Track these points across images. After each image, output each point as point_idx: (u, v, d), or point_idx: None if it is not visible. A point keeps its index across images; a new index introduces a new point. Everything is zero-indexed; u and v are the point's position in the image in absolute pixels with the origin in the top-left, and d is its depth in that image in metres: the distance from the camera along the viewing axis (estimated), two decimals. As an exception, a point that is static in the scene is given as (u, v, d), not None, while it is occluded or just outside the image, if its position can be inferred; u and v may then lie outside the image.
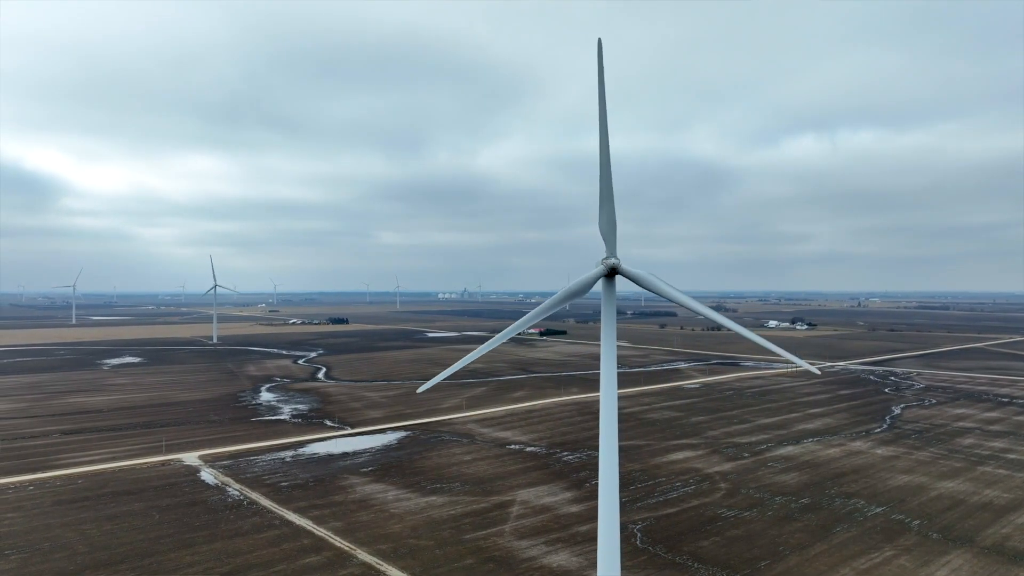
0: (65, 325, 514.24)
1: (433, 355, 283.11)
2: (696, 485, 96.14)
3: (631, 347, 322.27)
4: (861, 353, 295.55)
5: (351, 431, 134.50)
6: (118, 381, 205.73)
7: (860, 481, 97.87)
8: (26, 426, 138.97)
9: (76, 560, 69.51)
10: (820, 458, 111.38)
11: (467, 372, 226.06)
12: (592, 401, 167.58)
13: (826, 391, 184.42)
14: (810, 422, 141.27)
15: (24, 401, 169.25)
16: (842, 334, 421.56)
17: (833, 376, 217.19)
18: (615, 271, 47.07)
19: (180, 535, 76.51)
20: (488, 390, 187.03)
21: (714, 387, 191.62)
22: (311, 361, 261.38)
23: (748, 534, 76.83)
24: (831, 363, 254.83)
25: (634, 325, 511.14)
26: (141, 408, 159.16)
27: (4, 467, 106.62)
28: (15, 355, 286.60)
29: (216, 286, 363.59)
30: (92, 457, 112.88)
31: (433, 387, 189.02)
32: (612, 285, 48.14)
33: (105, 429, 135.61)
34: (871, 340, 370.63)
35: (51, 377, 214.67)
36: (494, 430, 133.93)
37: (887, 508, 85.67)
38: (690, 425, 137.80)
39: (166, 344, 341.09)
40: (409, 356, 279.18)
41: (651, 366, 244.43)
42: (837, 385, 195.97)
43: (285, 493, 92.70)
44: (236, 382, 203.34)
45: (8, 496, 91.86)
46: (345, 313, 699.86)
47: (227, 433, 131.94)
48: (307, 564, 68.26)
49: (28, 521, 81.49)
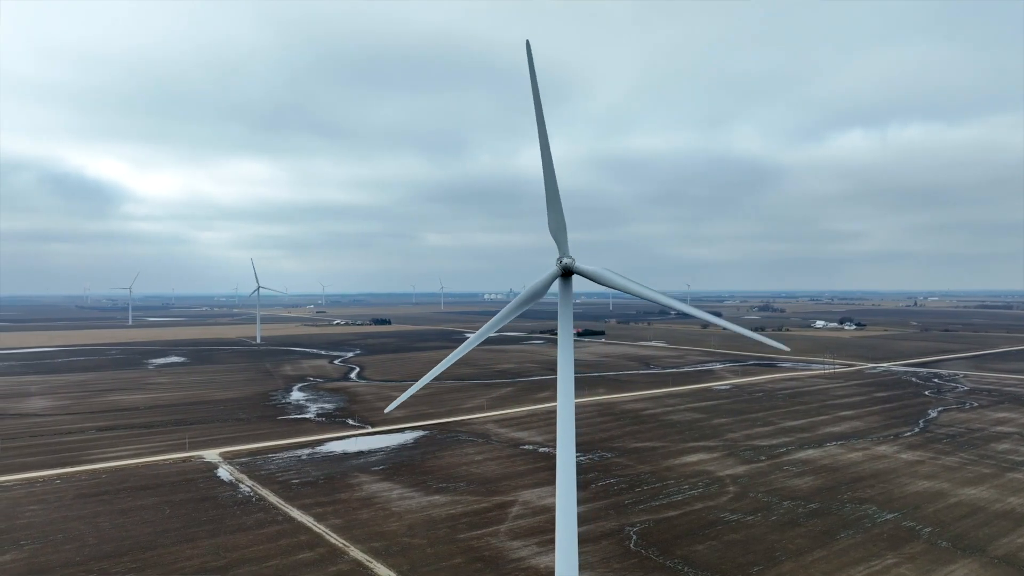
0: (122, 326, 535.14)
1: (467, 356, 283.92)
2: (704, 488, 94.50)
3: (668, 348, 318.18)
4: (908, 354, 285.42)
5: (371, 430, 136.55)
6: (159, 380, 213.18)
7: (876, 486, 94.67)
8: (65, 422, 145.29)
9: (83, 552, 72.46)
10: (840, 462, 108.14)
11: (495, 372, 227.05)
12: (617, 402, 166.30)
13: (861, 393, 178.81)
14: (837, 425, 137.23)
15: (69, 399, 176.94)
16: (892, 334, 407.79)
17: (872, 378, 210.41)
18: (570, 270, 46.80)
19: (185, 529, 78.99)
20: (514, 390, 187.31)
21: (744, 388, 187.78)
22: (346, 361, 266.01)
23: (747, 539, 75.19)
24: (873, 364, 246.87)
25: (675, 326, 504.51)
26: (175, 406, 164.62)
27: (37, 461, 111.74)
28: (70, 354, 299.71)
29: (259, 288, 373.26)
30: (119, 453, 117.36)
31: (457, 388, 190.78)
32: (569, 285, 47.93)
33: (137, 426, 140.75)
34: (921, 340, 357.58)
35: (98, 376, 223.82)
36: (511, 430, 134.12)
37: (899, 515, 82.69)
38: (711, 427, 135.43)
39: (211, 344, 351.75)
40: (443, 357, 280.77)
41: (684, 367, 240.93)
42: (874, 387, 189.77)
43: (294, 490, 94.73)
44: (270, 381, 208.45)
45: (35, 489, 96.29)
46: (389, 314, 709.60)
47: (251, 431, 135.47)
48: (299, 560, 69.67)
49: (48, 513, 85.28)
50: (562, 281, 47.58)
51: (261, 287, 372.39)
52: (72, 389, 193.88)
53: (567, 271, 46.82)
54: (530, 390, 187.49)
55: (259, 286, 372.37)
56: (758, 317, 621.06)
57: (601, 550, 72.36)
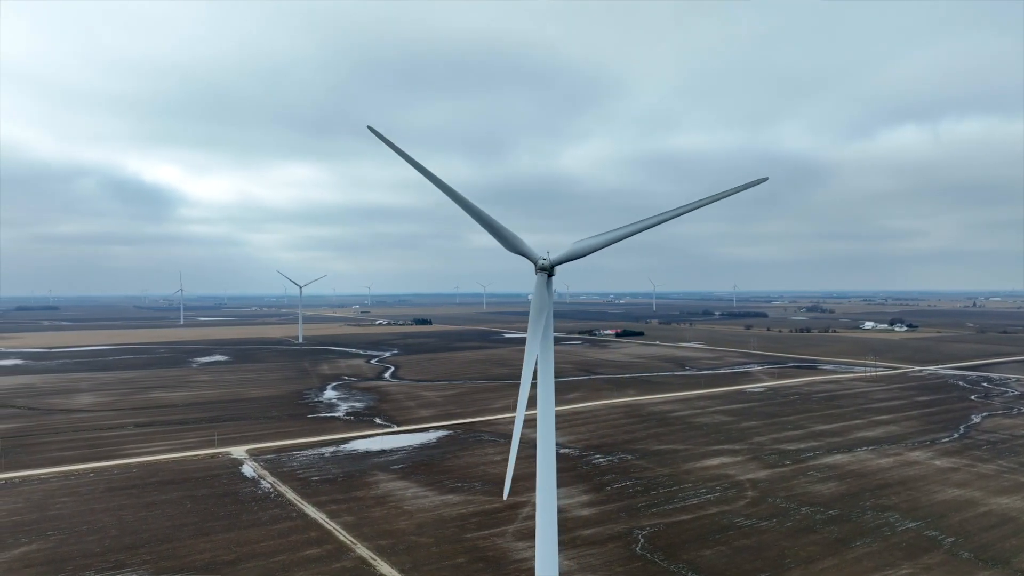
0: (174, 325, 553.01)
1: (502, 356, 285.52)
2: (721, 492, 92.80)
3: (706, 349, 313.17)
4: (959, 356, 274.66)
5: (396, 429, 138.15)
6: (201, 378, 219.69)
7: (903, 494, 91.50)
8: (108, 418, 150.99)
9: (104, 543, 75.25)
10: (868, 468, 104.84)
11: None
12: (645, 404, 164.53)
13: (902, 397, 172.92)
14: (871, 429, 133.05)
15: (114, 395, 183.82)
16: (944, 336, 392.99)
17: (917, 381, 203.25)
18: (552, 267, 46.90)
19: (202, 523, 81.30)
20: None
21: (779, 391, 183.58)
22: (383, 361, 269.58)
23: (758, 545, 73.58)
24: (920, 367, 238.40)
25: (718, 326, 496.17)
26: (212, 403, 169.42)
27: (76, 455, 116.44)
28: (122, 353, 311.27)
29: (301, 288, 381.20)
30: (152, 448, 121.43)
31: (488, 388, 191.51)
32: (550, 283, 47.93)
33: (173, 423, 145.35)
34: (975, 343, 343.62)
35: (144, 374, 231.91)
36: (534, 431, 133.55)
37: (922, 523, 79.77)
38: (738, 430, 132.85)
39: (255, 344, 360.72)
40: (478, 357, 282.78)
41: (720, 368, 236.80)
42: (917, 391, 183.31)
43: (312, 487, 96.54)
44: (306, 380, 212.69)
45: (69, 482, 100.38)
46: (431, 314, 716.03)
47: (280, 429, 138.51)
48: (306, 556, 71.02)
49: (77, 505, 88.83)
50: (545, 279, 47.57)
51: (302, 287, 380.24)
52: (118, 386, 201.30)
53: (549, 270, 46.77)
54: (560, 391, 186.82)
55: (301, 287, 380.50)
56: (806, 318, 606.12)
57: (606, 553, 71.80)
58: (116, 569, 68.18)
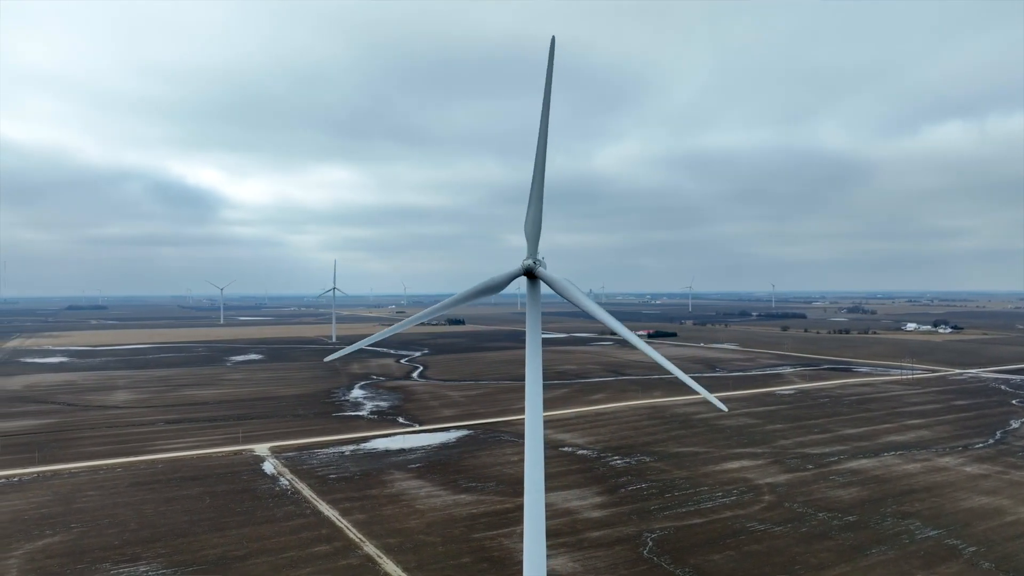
0: (214, 325, 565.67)
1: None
2: (738, 496, 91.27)
3: (740, 350, 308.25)
4: (1004, 360, 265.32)
5: (417, 428, 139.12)
6: (233, 376, 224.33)
7: (927, 500, 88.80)
8: (141, 415, 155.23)
9: (123, 536, 77.38)
10: (893, 473, 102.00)
11: (555, 373, 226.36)
12: (670, 405, 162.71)
13: (938, 401, 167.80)
14: (902, 434, 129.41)
15: (149, 392, 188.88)
16: (991, 338, 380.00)
17: (955, 384, 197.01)
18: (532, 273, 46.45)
19: (218, 519, 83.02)
20: (569, 392, 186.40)
21: (810, 393, 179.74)
22: (412, 360, 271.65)
23: (768, 550, 72.19)
24: (960, 370, 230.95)
25: (754, 328, 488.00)
26: (242, 401, 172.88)
27: (106, 450, 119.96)
28: (161, 351, 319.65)
29: (334, 288, 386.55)
30: (179, 444, 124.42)
31: (513, 388, 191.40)
32: (536, 287, 47.52)
33: (203, 420, 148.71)
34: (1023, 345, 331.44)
35: (180, 372, 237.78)
36: (555, 432, 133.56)
37: (944, 531, 77.31)
38: (762, 433, 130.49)
39: (290, 343, 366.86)
40: (506, 357, 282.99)
41: (752, 370, 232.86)
42: (955, 394, 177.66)
43: (328, 485, 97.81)
44: (335, 379, 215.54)
45: (97, 476, 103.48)
46: (465, 314, 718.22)
47: (304, 427, 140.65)
48: (313, 552, 72.00)
49: (102, 499, 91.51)
50: (529, 283, 47.23)
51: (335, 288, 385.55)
52: (154, 384, 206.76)
53: (530, 273, 46.44)
54: (585, 391, 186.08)
55: (334, 287, 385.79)
56: (846, 319, 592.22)
57: (612, 555, 71.23)
58: (131, 562, 70.06)
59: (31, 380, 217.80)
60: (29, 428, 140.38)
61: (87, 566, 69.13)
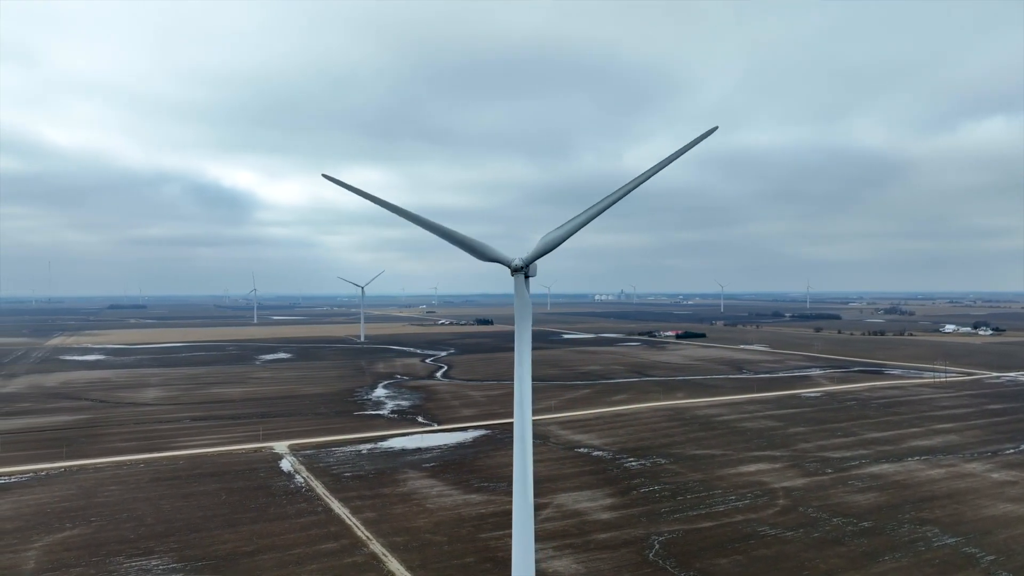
0: (247, 324, 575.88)
1: (555, 357, 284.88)
2: (752, 500, 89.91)
3: (768, 352, 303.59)
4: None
5: (436, 428, 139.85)
6: (261, 375, 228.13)
7: (948, 507, 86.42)
8: (167, 412, 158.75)
9: (139, 530, 79.24)
10: (915, 479, 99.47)
11: (578, 374, 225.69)
12: (691, 407, 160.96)
13: (970, 405, 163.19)
14: (928, 438, 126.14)
15: (177, 390, 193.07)
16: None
17: (991, 388, 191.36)
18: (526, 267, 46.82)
19: (232, 515, 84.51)
20: (591, 392, 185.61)
21: (836, 396, 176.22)
22: (438, 360, 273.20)
23: (777, 555, 70.99)
24: (998, 373, 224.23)
25: (786, 329, 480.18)
26: (266, 399, 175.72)
27: (131, 446, 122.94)
28: (193, 350, 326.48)
29: (364, 288, 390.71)
30: (201, 441, 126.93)
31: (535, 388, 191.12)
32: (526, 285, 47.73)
33: (227, 417, 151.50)
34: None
35: (209, 370, 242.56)
36: (572, 432, 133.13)
37: (962, 539, 75.15)
38: (783, 436, 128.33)
39: (319, 342, 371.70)
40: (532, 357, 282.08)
41: (779, 372, 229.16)
42: (989, 399, 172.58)
43: (342, 483, 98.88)
44: (360, 378, 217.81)
45: (120, 472, 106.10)
46: (495, 314, 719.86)
47: (324, 425, 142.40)
48: (320, 550, 72.85)
49: (122, 494, 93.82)
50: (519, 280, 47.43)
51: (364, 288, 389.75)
52: (183, 382, 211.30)
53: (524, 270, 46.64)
54: (607, 392, 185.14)
55: (363, 287, 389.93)
56: (882, 321, 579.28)
57: (617, 558, 70.73)
58: (144, 555, 71.71)
59: (67, 377, 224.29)
60: (60, 424, 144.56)
61: (101, 559, 70.93)
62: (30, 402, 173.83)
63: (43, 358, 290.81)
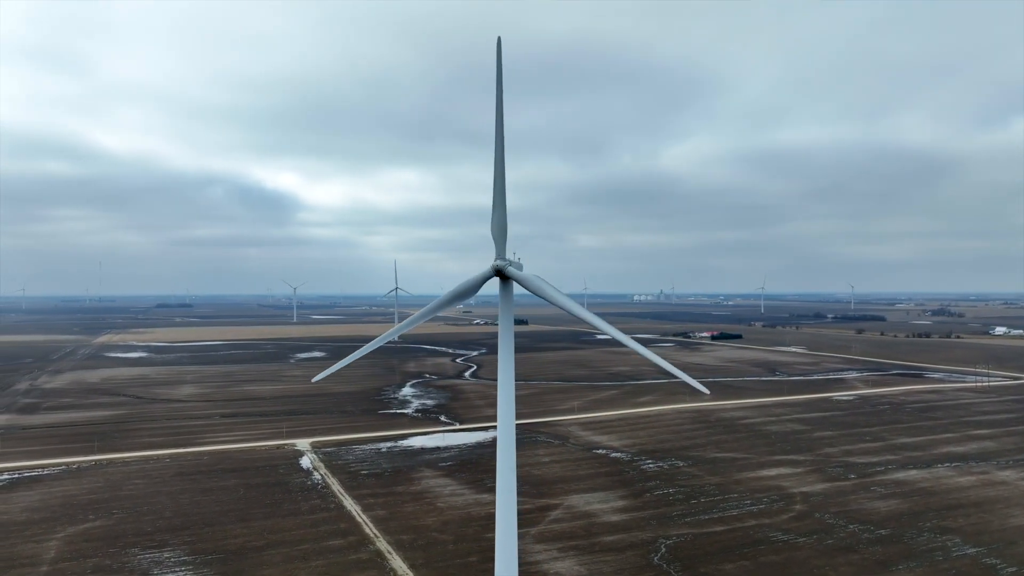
0: (287, 323, 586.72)
1: (585, 357, 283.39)
2: (768, 504, 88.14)
3: (804, 354, 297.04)
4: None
5: (457, 427, 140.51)
6: (293, 373, 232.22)
7: (972, 516, 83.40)
8: (200, 408, 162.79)
9: (157, 523, 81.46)
10: (942, 486, 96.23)
11: (607, 375, 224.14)
12: (717, 409, 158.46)
13: (1011, 411, 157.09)
14: (961, 445, 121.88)
15: (211, 387, 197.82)
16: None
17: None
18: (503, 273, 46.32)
19: (247, 510, 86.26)
20: (618, 393, 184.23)
21: (870, 400, 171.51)
22: (468, 359, 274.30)
23: (787, 561, 69.47)
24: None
25: (827, 330, 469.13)
26: (296, 397, 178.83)
27: (160, 442, 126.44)
28: (231, 348, 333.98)
29: (397, 288, 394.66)
30: (227, 438, 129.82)
31: (561, 389, 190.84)
32: (509, 288, 47.39)
33: (255, 414, 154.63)
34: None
35: (244, 368, 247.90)
36: (592, 434, 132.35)
37: (984, 549, 72.45)
38: (808, 440, 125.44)
39: (354, 341, 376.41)
40: (562, 357, 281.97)
41: (813, 375, 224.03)
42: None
43: (358, 481, 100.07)
44: (390, 377, 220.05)
45: (147, 466, 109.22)
46: (531, 314, 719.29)
47: (349, 423, 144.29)
48: (327, 546, 73.89)
49: (146, 487, 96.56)
50: (502, 284, 47.17)
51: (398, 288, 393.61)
52: (218, 379, 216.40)
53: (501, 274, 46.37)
54: (633, 393, 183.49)
55: (396, 287, 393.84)
56: (929, 322, 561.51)
57: (622, 560, 70.12)
58: (158, 548, 73.69)
59: (109, 373, 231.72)
60: (97, 419, 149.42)
61: (119, 550, 73.13)
62: (71, 397, 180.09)
63: (89, 355, 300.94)
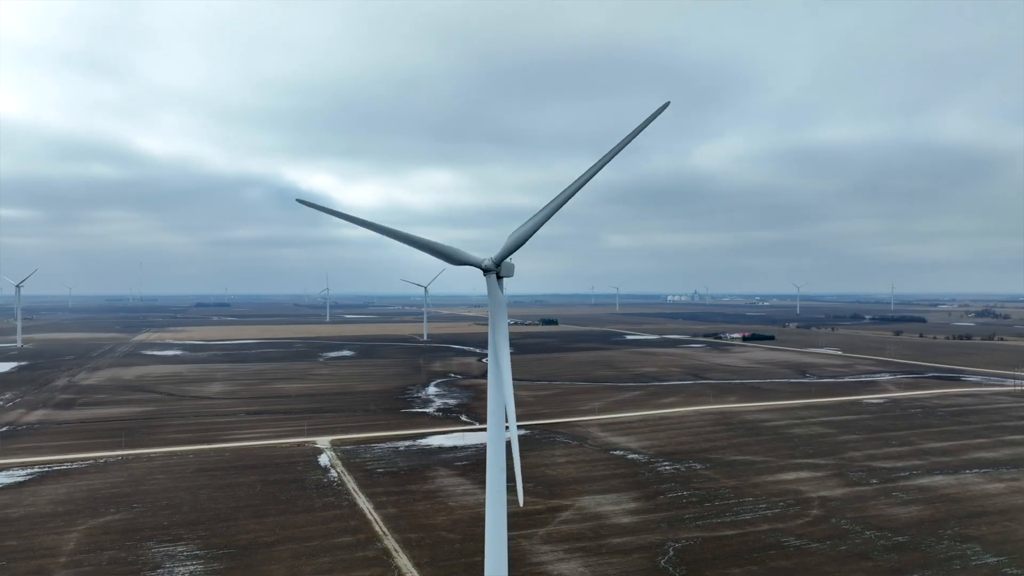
0: (319, 322, 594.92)
1: (612, 358, 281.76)
2: (783, 508, 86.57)
3: (837, 355, 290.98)
4: None
5: (476, 426, 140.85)
6: (321, 371, 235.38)
7: (997, 524, 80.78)
8: (226, 406, 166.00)
9: (174, 518, 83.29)
10: (968, 493, 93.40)
11: (633, 376, 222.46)
12: (740, 411, 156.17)
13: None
14: (994, 450, 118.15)
15: (239, 385, 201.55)
16: None
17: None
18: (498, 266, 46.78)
19: (262, 506, 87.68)
20: (641, 394, 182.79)
21: (901, 403, 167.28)
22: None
23: (796, 567, 68.13)
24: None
25: (864, 332, 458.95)
26: (321, 395, 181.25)
27: (186, 438, 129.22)
28: (263, 347, 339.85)
29: (427, 288, 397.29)
30: (250, 434, 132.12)
31: (585, 389, 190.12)
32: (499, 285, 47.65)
33: (280, 412, 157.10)
34: None
35: (274, 366, 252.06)
36: (611, 435, 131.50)
37: (1006, 559, 70.10)
38: (832, 443, 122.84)
39: (383, 340, 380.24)
40: (588, 358, 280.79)
41: (844, 377, 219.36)
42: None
43: (373, 479, 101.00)
44: (415, 376, 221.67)
45: (170, 461, 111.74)
46: (562, 315, 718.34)
47: (370, 421, 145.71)
48: (336, 543, 74.71)
49: (167, 482, 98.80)
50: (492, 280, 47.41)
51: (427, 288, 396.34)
52: (247, 377, 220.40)
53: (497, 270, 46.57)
54: (657, 395, 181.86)
55: (426, 287, 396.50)
56: (971, 324, 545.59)
57: (627, 563, 69.55)
58: (172, 542, 75.34)
59: (144, 371, 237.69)
60: (128, 415, 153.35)
61: (134, 543, 74.93)
62: (106, 394, 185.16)
63: (127, 352, 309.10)
